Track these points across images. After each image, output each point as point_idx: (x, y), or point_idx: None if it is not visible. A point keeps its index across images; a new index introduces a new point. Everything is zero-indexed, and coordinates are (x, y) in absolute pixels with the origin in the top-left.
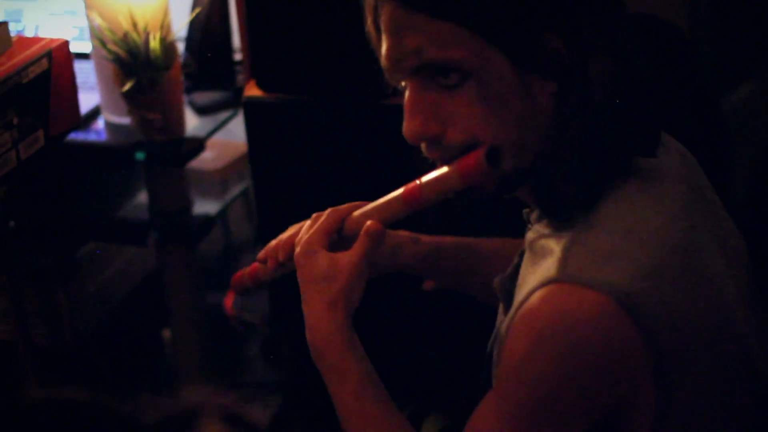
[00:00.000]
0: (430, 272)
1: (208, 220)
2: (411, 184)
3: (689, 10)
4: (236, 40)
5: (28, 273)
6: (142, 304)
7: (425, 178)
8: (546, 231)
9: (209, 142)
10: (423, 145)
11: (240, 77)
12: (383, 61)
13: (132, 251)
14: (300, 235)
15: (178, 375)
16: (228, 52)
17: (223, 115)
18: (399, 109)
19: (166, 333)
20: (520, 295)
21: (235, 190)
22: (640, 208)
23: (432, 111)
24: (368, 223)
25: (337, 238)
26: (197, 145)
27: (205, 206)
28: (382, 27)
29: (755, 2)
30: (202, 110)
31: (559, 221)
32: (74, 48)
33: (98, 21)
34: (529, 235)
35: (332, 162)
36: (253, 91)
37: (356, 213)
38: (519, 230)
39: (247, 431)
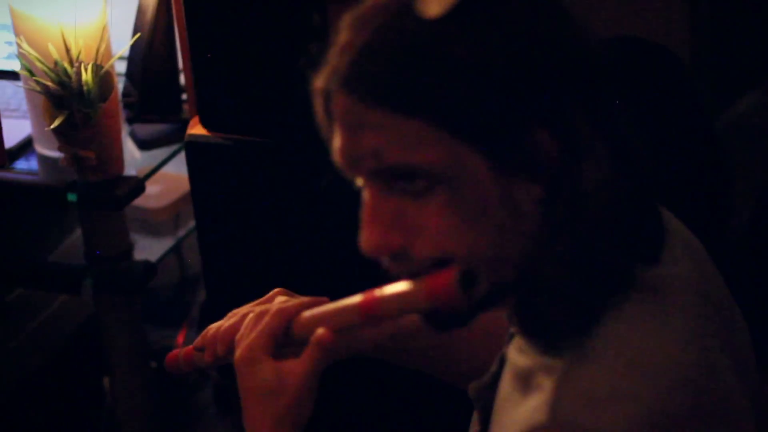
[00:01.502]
0: (396, 356)
1: (150, 267)
2: (369, 295)
3: (690, 26)
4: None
5: None
6: (79, 353)
7: (387, 291)
8: (531, 354)
9: (156, 176)
10: (384, 259)
11: (187, 107)
12: (336, 157)
13: (66, 298)
14: (241, 332)
15: (121, 427)
16: (174, 79)
17: (168, 149)
18: None
19: (106, 383)
20: (503, 422)
21: (189, 225)
22: (643, 333)
23: (394, 220)
24: (319, 331)
25: (283, 339)
26: (137, 185)
27: (152, 246)
28: (335, 118)
29: (756, 12)
30: (144, 144)
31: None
32: (7, 66)
33: (25, 47)
34: (512, 351)
35: (280, 207)
36: (197, 128)
37: (306, 314)
38: None
39: None
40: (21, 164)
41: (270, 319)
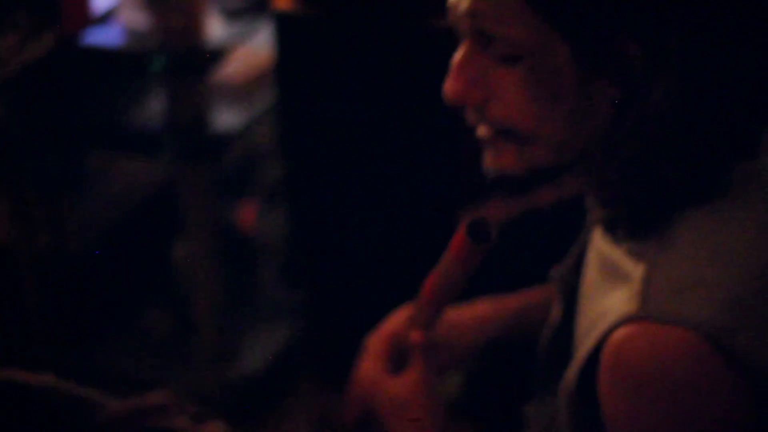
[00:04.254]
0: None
1: (226, 139)
2: (425, 284)
3: None
4: None
5: (33, 179)
6: (152, 218)
7: (432, 274)
8: (616, 243)
9: (239, 49)
10: (465, 110)
11: None
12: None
13: (143, 163)
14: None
15: (188, 293)
16: None
17: (253, 22)
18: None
19: (177, 249)
20: (591, 312)
21: (262, 105)
22: (726, 223)
23: (477, 77)
24: (412, 336)
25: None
26: (219, 56)
27: (229, 119)
28: None
29: None
30: (230, 14)
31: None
32: None
33: None
34: (597, 237)
35: (367, 88)
36: (284, 2)
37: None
38: None
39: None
40: (106, 32)
41: (372, 342)
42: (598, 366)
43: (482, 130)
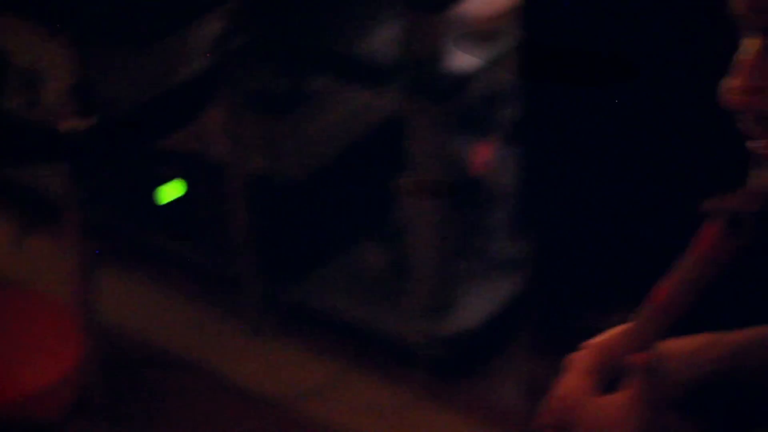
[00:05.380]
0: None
1: (463, 77)
2: (654, 291)
3: None
4: None
5: (253, 96)
6: (375, 151)
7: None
8: None
9: None
10: (742, 115)
11: None
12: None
13: (369, 93)
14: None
15: (407, 233)
16: None
17: None
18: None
19: (400, 186)
20: None
21: (503, 45)
22: None
23: None
24: (629, 358)
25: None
26: None
27: (464, 59)
28: None
29: None
30: None
31: None
32: None
33: None
34: None
35: (615, 37)
36: None
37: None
38: None
39: None
40: None
41: (580, 356)
42: None
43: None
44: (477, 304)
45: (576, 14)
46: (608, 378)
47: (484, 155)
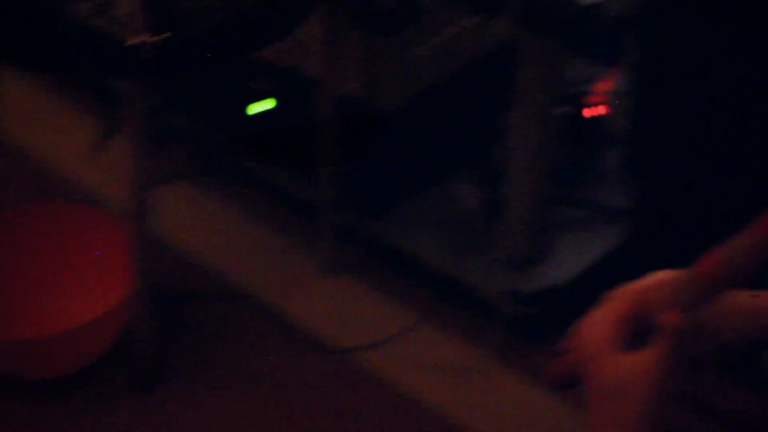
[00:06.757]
0: None
1: (584, 11)
2: (706, 258)
3: None
4: None
5: (355, 11)
6: (481, 82)
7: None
8: None
9: None
10: None
11: None
12: None
13: (480, 20)
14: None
15: (507, 174)
16: None
17: None
18: None
19: (506, 121)
20: None
21: None
22: None
23: None
24: (667, 315)
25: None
26: None
27: None
28: None
29: None
30: None
31: None
32: None
33: None
34: None
35: None
36: None
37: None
38: None
39: None
40: None
41: (612, 302)
42: None
43: None
44: (571, 258)
45: None
46: (635, 330)
47: (601, 92)
